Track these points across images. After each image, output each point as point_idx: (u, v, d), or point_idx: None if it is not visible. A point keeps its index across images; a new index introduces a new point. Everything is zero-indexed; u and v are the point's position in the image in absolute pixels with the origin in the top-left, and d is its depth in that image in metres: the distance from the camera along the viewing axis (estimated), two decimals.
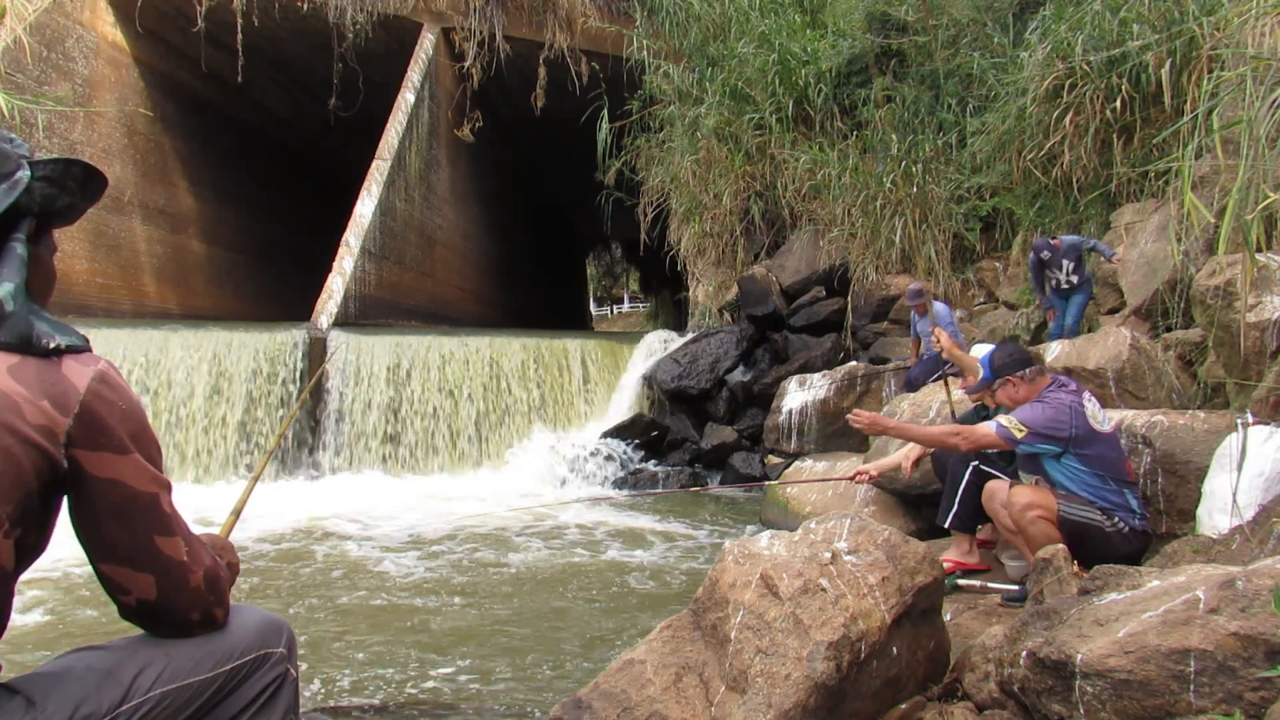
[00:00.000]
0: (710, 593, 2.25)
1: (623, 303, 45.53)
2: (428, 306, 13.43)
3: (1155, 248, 6.14)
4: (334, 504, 7.02)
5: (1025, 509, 3.26)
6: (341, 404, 8.54)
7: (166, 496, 1.32)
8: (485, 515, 6.77)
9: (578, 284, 34.32)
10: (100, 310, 11.37)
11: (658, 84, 11.81)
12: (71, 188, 1.32)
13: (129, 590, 1.30)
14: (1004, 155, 8.79)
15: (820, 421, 7.77)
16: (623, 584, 4.82)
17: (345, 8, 12.32)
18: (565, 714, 2.15)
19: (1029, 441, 3.32)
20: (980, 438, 3.42)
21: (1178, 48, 6.86)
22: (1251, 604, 1.75)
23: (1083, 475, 3.33)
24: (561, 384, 9.44)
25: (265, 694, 1.44)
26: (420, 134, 12.48)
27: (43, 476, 1.19)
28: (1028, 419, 3.34)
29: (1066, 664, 1.90)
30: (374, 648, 3.63)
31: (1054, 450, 3.34)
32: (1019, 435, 3.32)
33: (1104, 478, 3.33)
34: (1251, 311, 3.81)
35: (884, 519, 4.96)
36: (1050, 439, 3.32)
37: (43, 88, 10.25)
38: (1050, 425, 3.31)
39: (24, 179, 1.25)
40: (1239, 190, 3.56)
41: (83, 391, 1.23)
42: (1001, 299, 8.65)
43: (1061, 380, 3.54)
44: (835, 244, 9.60)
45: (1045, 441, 3.32)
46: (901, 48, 10.38)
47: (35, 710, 1.21)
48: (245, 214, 15.80)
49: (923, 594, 2.24)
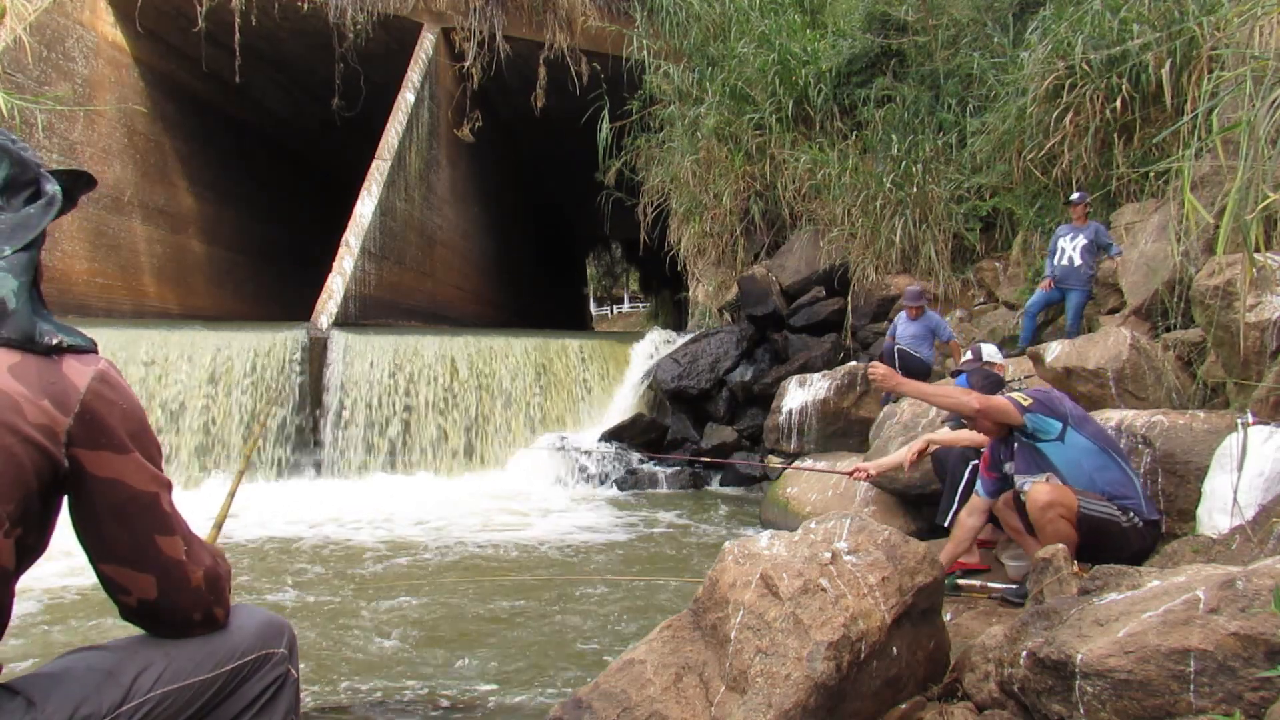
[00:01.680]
0: (710, 593, 2.25)
1: (623, 303, 45.53)
2: (428, 306, 13.44)
3: (1155, 248, 6.14)
4: (333, 504, 7.02)
5: (1046, 508, 3.20)
6: (341, 404, 8.54)
7: (167, 496, 1.32)
8: (484, 515, 6.77)
9: (578, 284, 34.34)
10: (100, 310, 11.37)
11: (658, 84, 11.82)
12: (75, 197, 1.35)
13: (130, 590, 1.30)
14: (1004, 155, 8.79)
15: (820, 421, 7.76)
16: (623, 584, 4.82)
17: (345, 8, 12.32)
18: (565, 714, 2.15)
19: (1033, 411, 3.36)
20: (993, 402, 3.45)
21: (1178, 48, 6.86)
22: (1251, 604, 1.75)
23: (1091, 453, 3.33)
24: (561, 384, 9.44)
25: (266, 694, 1.44)
26: (420, 134, 12.49)
27: (43, 476, 1.19)
28: (1030, 392, 3.47)
29: (1066, 664, 1.90)
30: (374, 648, 3.63)
31: (1055, 428, 3.34)
32: (1025, 403, 3.38)
33: (1108, 453, 3.35)
34: (1251, 311, 3.81)
35: (884, 519, 4.97)
36: (1052, 412, 3.36)
37: (43, 88, 10.26)
38: (1051, 399, 3.44)
39: (57, 196, 1.28)
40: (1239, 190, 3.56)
41: (83, 391, 1.22)
42: (1001, 299, 8.64)
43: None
44: (835, 244, 9.60)
45: (1048, 414, 3.36)
46: (901, 48, 10.38)
47: (35, 711, 1.21)
48: (245, 214, 15.80)
49: (923, 594, 2.24)
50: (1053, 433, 3.34)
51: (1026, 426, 3.36)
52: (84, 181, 1.37)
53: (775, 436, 8.09)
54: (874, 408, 7.64)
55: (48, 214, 1.26)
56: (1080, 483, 3.29)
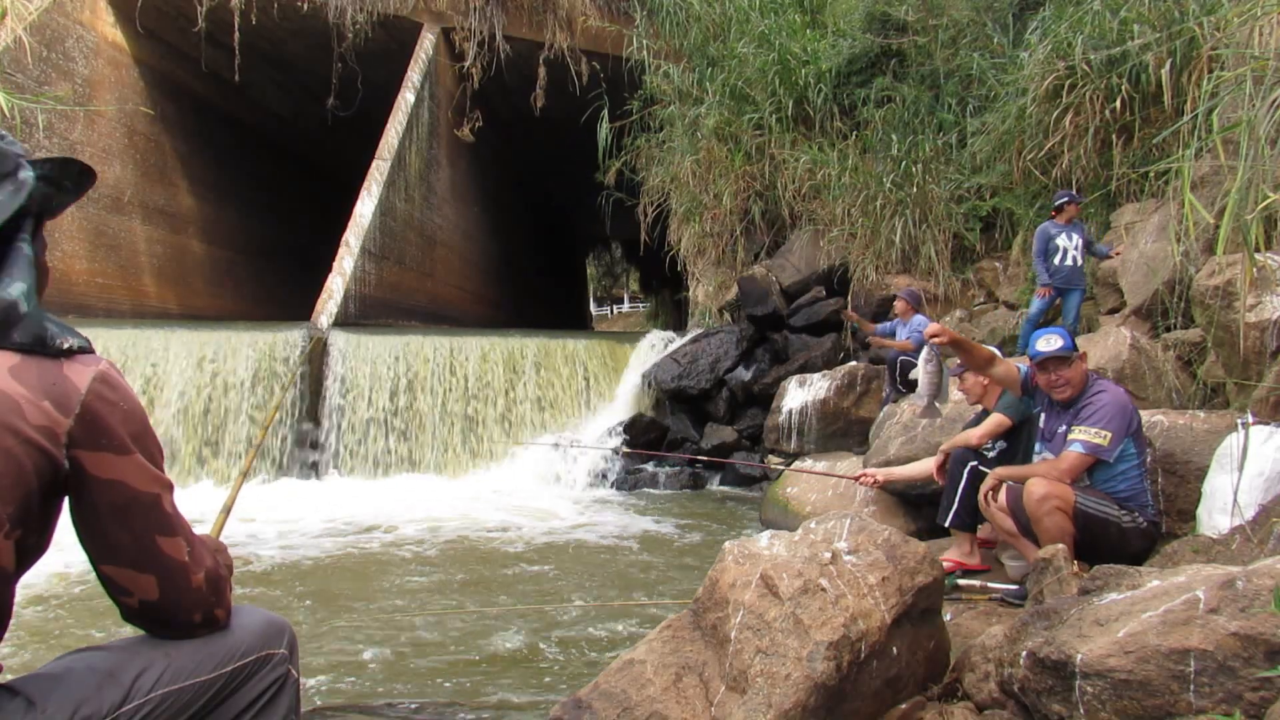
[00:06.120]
0: (710, 593, 2.25)
1: (623, 303, 45.53)
2: (428, 306, 13.44)
3: (1155, 248, 6.14)
4: (333, 504, 7.02)
5: (1042, 500, 3.19)
6: (342, 404, 8.54)
7: (168, 497, 1.31)
8: (484, 515, 6.77)
9: (578, 284, 34.32)
10: (100, 310, 11.37)
11: (658, 84, 11.81)
12: (68, 186, 1.32)
13: (131, 592, 1.30)
14: (1004, 155, 8.78)
15: (820, 421, 7.77)
16: (622, 584, 4.82)
17: (345, 8, 12.32)
18: (565, 714, 2.15)
19: (1114, 445, 3.25)
20: (1077, 467, 3.28)
21: (1178, 48, 6.85)
22: (1251, 604, 1.75)
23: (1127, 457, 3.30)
24: (561, 384, 9.44)
25: (266, 695, 1.44)
26: (420, 134, 12.49)
27: (44, 477, 1.19)
28: (1105, 424, 3.28)
29: (1066, 664, 1.90)
30: (375, 648, 3.63)
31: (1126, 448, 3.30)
32: (1105, 443, 3.25)
33: (1141, 456, 3.33)
34: (1251, 311, 3.81)
35: (884, 519, 4.97)
36: (1125, 430, 3.29)
37: (43, 87, 10.25)
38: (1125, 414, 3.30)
39: (29, 181, 1.25)
40: (1239, 190, 3.56)
41: (84, 392, 1.22)
42: (1001, 299, 8.64)
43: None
44: (835, 244, 9.60)
45: (1123, 436, 3.28)
46: (901, 48, 10.38)
47: (35, 711, 1.21)
48: (245, 214, 15.79)
49: (923, 594, 2.24)
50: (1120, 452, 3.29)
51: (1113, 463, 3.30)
52: (75, 170, 1.33)
53: (775, 436, 8.09)
54: (874, 408, 7.65)
55: (16, 198, 1.22)
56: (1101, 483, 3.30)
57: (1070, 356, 3.43)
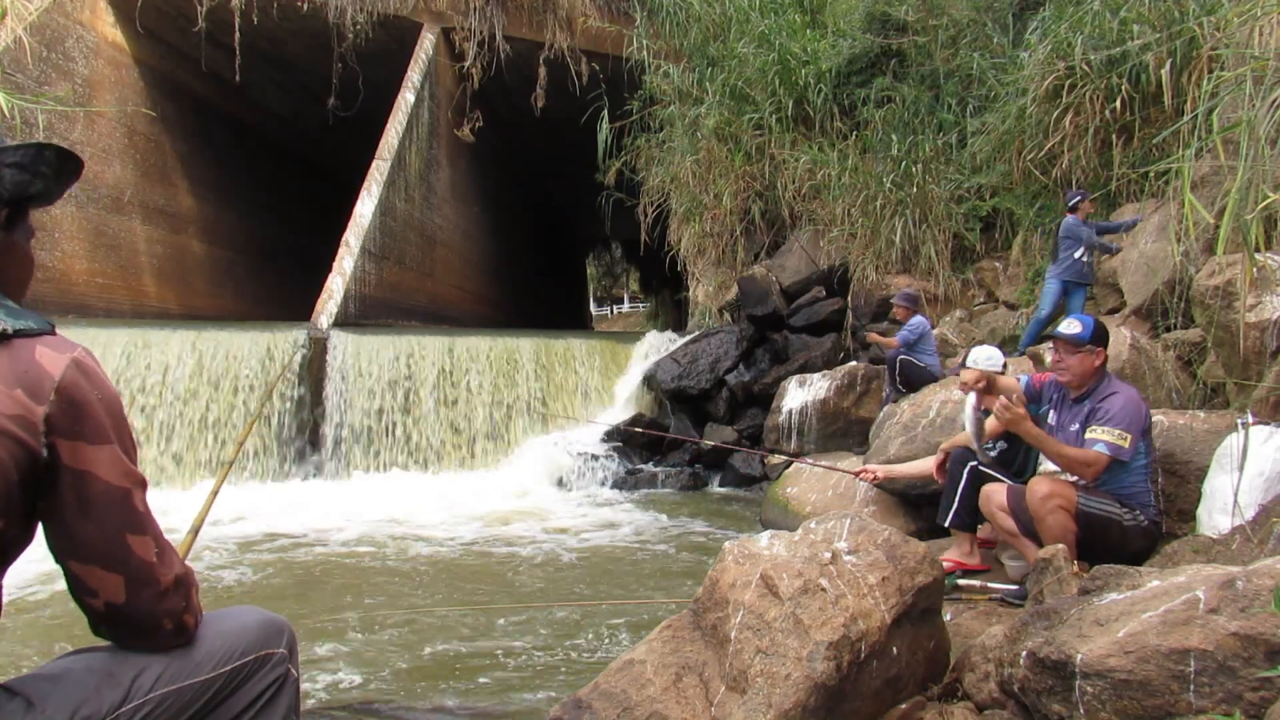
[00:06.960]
0: (710, 593, 2.25)
1: (623, 303, 45.54)
2: (428, 306, 13.43)
3: (1155, 248, 6.14)
4: (333, 504, 7.01)
5: (1045, 499, 3.20)
6: (341, 404, 8.54)
7: (140, 494, 1.28)
8: (484, 515, 6.77)
9: (578, 284, 34.32)
10: (100, 310, 11.37)
11: (658, 84, 11.82)
12: (45, 173, 1.28)
13: (97, 592, 1.25)
14: (1004, 155, 8.79)
15: (820, 421, 7.76)
16: (622, 584, 4.82)
17: (345, 8, 12.32)
18: (565, 714, 2.15)
19: (1133, 447, 3.23)
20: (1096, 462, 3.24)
21: (1178, 48, 6.85)
22: (1251, 604, 1.75)
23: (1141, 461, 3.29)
24: (561, 384, 9.44)
25: (266, 695, 1.44)
26: (420, 134, 12.48)
27: (22, 467, 1.16)
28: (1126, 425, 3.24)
29: (1066, 664, 1.90)
30: (374, 648, 3.63)
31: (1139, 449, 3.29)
32: (1126, 444, 3.23)
33: (1148, 455, 3.33)
34: (1251, 311, 3.81)
35: (884, 519, 4.97)
36: (1141, 434, 3.28)
37: (43, 88, 10.25)
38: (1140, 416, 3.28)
39: None
40: (1239, 190, 3.56)
41: (58, 379, 1.20)
42: (1001, 299, 8.64)
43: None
44: (835, 244, 9.60)
45: (1139, 438, 3.27)
46: (901, 48, 10.38)
47: (35, 712, 1.21)
48: (245, 214, 15.79)
49: (923, 594, 2.24)
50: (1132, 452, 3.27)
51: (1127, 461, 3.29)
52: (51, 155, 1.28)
53: (775, 436, 8.09)
54: (874, 408, 7.65)
55: None
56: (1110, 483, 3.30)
57: (1080, 344, 3.42)
